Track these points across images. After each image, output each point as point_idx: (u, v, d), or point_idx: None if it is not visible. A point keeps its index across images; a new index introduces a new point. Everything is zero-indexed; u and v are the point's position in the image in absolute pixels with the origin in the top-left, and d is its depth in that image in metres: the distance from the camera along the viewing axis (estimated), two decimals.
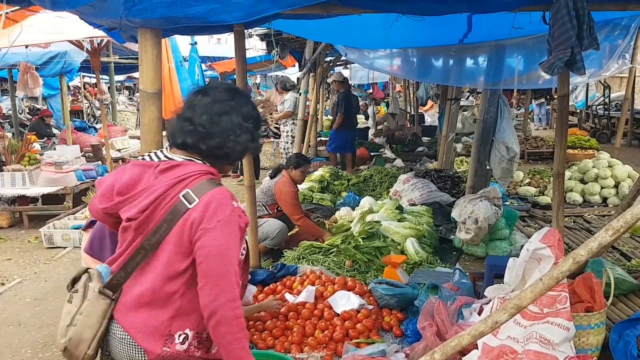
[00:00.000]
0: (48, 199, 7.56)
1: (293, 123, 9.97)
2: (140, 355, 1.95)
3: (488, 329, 1.99)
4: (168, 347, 1.94)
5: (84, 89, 16.70)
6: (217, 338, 1.92)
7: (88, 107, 17.68)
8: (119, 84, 20.61)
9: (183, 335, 1.97)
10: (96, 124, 14.95)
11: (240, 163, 9.87)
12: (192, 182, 1.90)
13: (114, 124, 14.03)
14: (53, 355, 3.83)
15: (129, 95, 23.92)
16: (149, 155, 2.02)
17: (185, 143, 1.95)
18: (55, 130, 12.71)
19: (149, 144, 1.94)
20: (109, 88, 13.35)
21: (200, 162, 1.98)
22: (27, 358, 3.79)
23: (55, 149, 8.99)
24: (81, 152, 8.86)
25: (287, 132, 10.17)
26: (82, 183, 7.88)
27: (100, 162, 8.78)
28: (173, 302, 1.95)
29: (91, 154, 9.20)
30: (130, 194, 1.94)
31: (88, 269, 2.04)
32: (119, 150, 10.52)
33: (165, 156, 1.98)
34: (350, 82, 12.46)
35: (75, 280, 2.04)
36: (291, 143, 9.98)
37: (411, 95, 16.25)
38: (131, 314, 1.96)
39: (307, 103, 10.67)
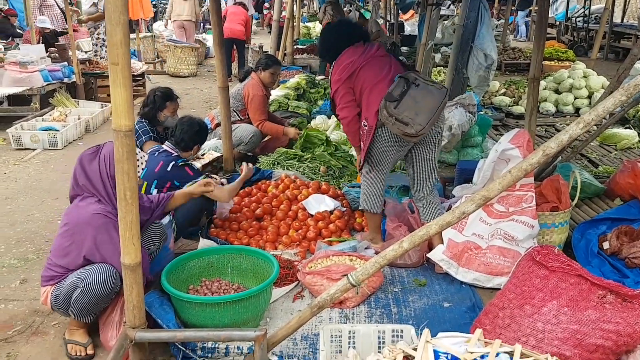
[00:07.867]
0: (14, 100, 7.31)
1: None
2: None
3: (455, 219, 2.04)
4: None
5: None
6: None
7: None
8: None
9: None
10: None
11: None
12: None
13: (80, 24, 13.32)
14: (27, 250, 3.84)
15: None
16: None
17: None
18: (19, 31, 12.04)
19: (114, 24, 1.83)
20: None
21: None
22: (1, 253, 3.80)
23: (19, 49, 8.56)
24: (46, 52, 8.46)
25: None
26: (48, 84, 7.58)
27: (66, 63, 8.42)
28: None
29: (57, 55, 8.78)
30: None
31: None
32: (85, 52, 10.07)
33: None
34: None
35: None
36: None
37: (391, 2, 15.72)
38: None
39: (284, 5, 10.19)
